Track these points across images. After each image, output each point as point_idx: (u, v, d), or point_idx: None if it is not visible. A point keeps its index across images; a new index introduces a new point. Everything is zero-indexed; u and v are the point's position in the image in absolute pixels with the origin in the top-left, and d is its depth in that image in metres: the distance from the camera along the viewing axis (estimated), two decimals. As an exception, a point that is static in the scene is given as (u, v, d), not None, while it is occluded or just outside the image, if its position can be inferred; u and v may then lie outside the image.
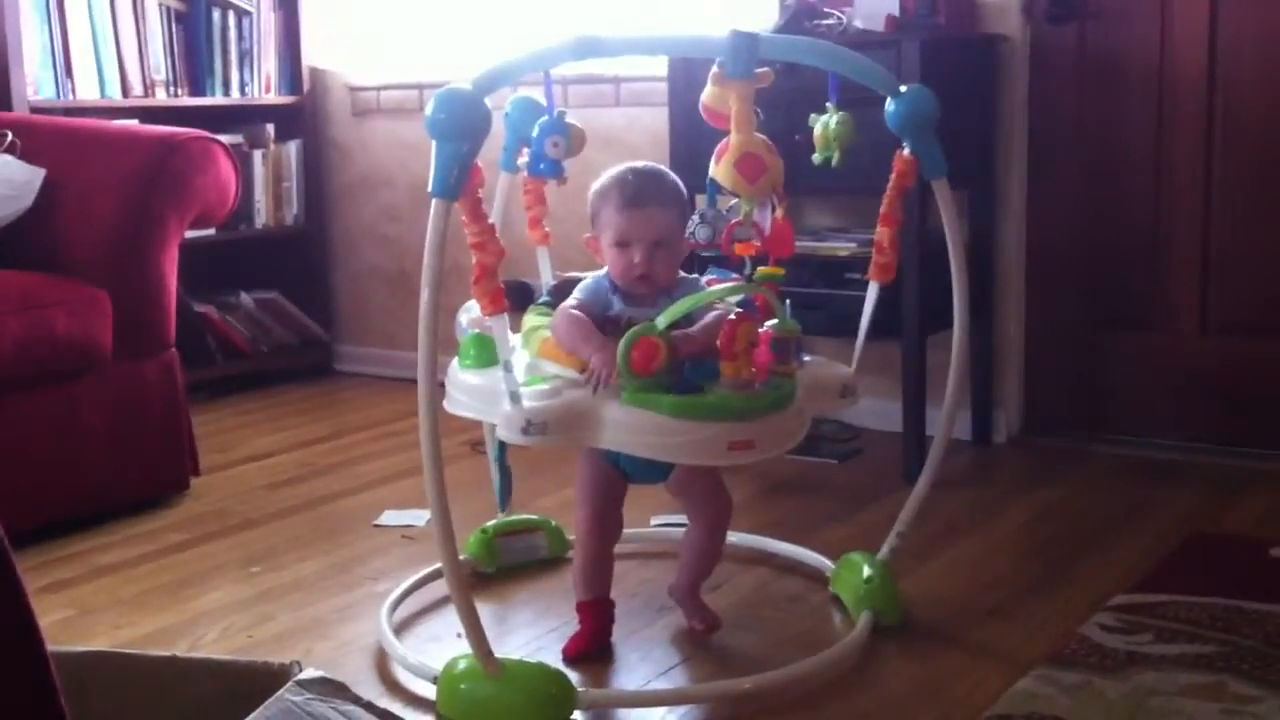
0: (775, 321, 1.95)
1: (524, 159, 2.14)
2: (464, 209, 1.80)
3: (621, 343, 1.86)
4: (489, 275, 1.83)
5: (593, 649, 2.14)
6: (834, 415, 3.27)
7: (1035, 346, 3.43)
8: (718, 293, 1.99)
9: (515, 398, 1.87)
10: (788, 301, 2.01)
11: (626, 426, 1.86)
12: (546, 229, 2.36)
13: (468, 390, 2.07)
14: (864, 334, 2.25)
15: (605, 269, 2.09)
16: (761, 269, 2.12)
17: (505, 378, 1.88)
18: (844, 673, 2.07)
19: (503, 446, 2.26)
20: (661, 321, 1.88)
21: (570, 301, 2.05)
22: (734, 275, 2.17)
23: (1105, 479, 3.07)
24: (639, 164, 2.13)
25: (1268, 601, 2.25)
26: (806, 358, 2.12)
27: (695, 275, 2.17)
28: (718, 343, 1.89)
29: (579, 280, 2.12)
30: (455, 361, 2.15)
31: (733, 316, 1.90)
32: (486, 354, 2.06)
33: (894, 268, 2.21)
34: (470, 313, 2.16)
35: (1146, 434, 3.29)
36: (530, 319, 2.13)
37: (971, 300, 2.27)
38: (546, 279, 2.36)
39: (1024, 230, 3.38)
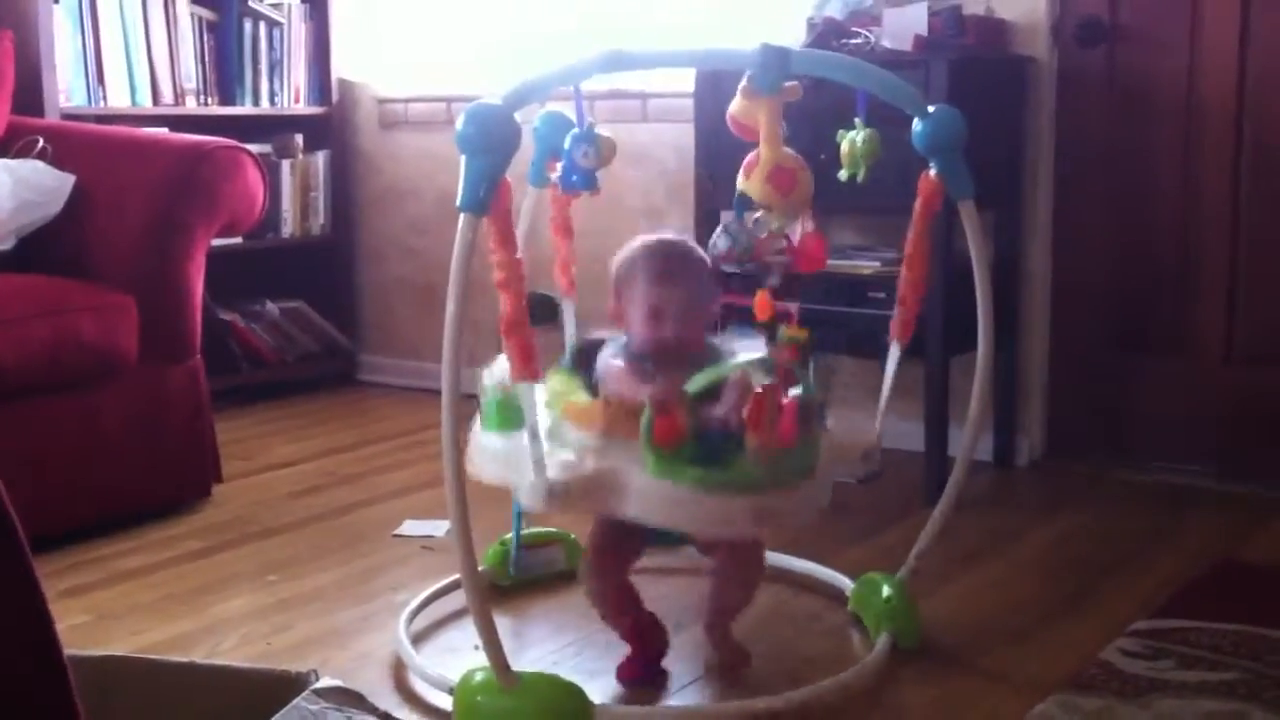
0: (798, 391, 1.92)
1: (555, 173, 2.14)
2: (493, 229, 1.77)
3: (644, 417, 1.84)
4: (519, 327, 1.78)
5: (645, 671, 2.12)
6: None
7: (1059, 369, 3.41)
8: (742, 366, 1.94)
9: (540, 466, 1.85)
10: (811, 365, 1.99)
11: (650, 497, 1.85)
12: (571, 241, 2.35)
13: (491, 455, 2.02)
14: (885, 401, 2.22)
15: (623, 339, 2.07)
16: (785, 330, 2.08)
17: (532, 445, 1.85)
18: (861, 694, 2.06)
19: (519, 517, 2.23)
20: (690, 389, 1.85)
21: (617, 362, 2.03)
22: (757, 334, 2.14)
23: (1127, 505, 3.05)
24: (666, 236, 2.13)
25: (1291, 630, 2.23)
26: (830, 421, 2.10)
27: (717, 341, 2.12)
28: (743, 414, 1.85)
29: (600, 343, 2.10)
30: (477, 423, 2.08)
31: (759, 390, 1.85)
32: (510, 418, 2.01)
33: (914, 324, 2.18)
34: (494, 376, 2.07)
35: (1169, 460, 3.26)
36: (554, 383, 2.07)
37: (996, 322, 2.26)
38: (570, 330, 2.35)
39: (1050, 253, 3.37)
